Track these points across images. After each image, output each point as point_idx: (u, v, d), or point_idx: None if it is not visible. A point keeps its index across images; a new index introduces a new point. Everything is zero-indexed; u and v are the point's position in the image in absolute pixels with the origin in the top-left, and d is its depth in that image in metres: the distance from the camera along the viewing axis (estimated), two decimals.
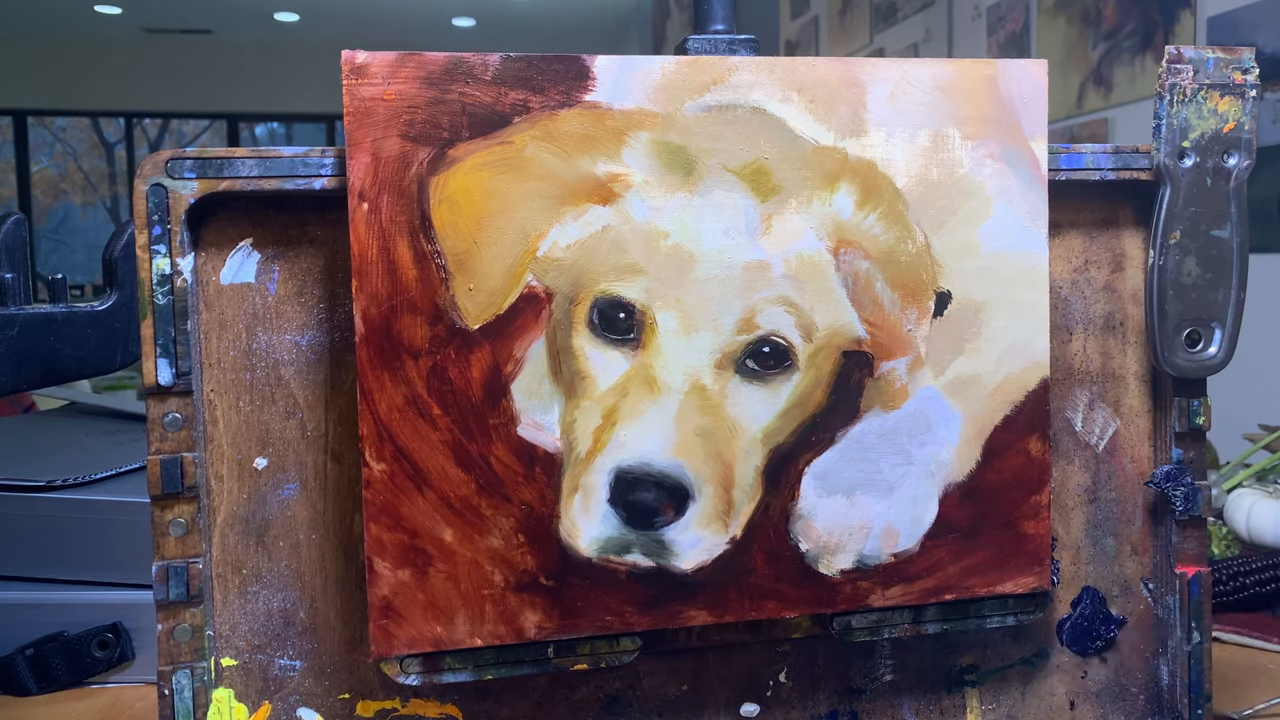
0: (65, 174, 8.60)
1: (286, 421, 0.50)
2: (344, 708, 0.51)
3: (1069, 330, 0.57)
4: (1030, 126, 0.53)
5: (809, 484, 0.51)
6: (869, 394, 0.51)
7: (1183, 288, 0.55)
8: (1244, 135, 0.55)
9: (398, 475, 0.47)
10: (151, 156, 0.47)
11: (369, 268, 0.47)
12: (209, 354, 0.49)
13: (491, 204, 0.47)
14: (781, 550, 0.51)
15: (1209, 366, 0.56)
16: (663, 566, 0.49)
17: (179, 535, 0.48)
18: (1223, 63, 0.55)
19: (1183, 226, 0.55)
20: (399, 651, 0.48)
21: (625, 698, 0.54)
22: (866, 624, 0.53)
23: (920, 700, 0.57)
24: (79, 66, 7.70)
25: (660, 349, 0.49)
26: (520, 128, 0.48)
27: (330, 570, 0.50)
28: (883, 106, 0.51)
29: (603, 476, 0.49)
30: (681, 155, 0.49)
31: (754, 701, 0.55)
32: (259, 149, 0.48)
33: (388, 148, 0.47)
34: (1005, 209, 0.52)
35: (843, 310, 0.51)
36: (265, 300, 0.49)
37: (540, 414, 0.48)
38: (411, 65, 0.47)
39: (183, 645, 0.48)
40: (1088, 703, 0.59)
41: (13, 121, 8.00)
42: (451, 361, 0.48)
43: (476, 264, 0.47)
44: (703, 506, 0.49)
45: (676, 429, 0.49)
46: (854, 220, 0.51)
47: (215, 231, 0.49)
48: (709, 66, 0.50)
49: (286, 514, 0.50)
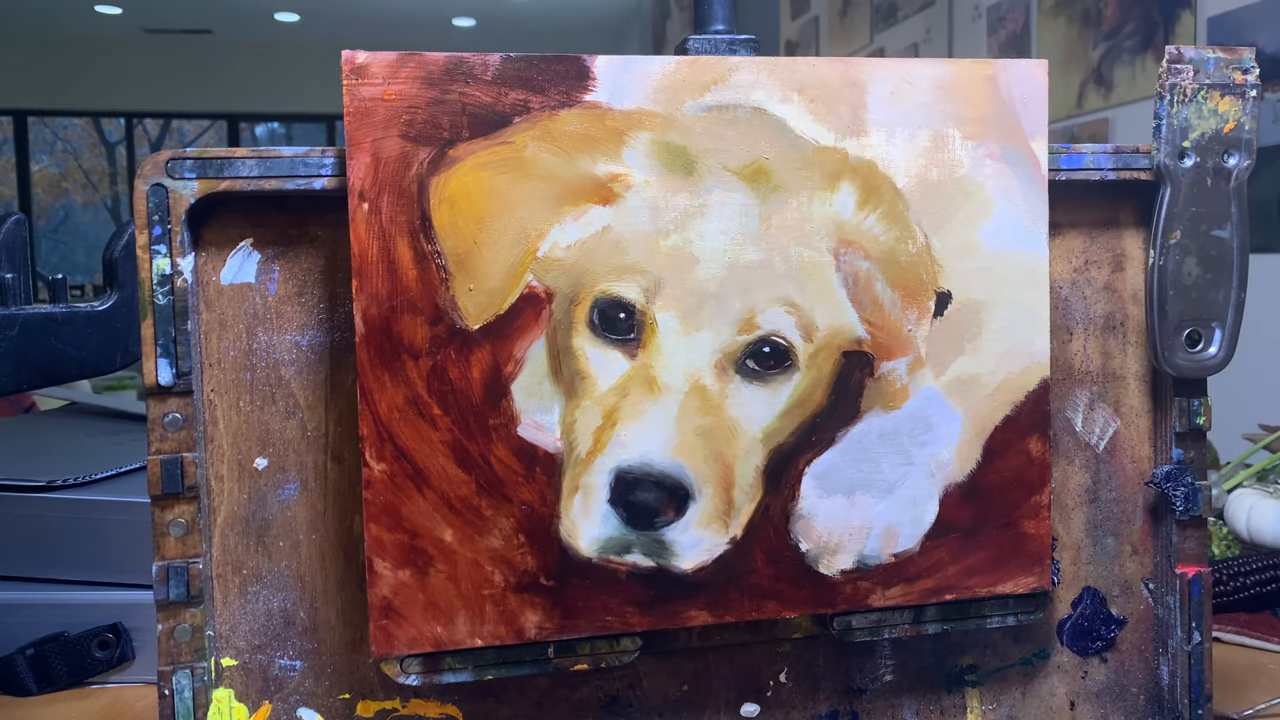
0: (66, 173, 8.61)
1: (287, 421, 0.50)
2: (344, 708, 0.51)
3: (1069, 330, 0.57)
4: (1030, 126, 0.53)
5: (809, 484, 0.51)
6: (869, 394, 0.51)
7: (1183, 288, 0.55)
8: (1244, 135, 0.55)
9: (398, 475, 0.47)
10: (152, 156, 0.47)
11: (369, 268, 0.47)
12: (209, 354, 0.49)
13: (492, 204, 0.47)
14: (782, 550, 0.51)
15: (1209, 366, 0.56)
16: (663, 567, 0.49)
17: (179, 535, 0.48)
18: (1223, 63, 0.55)
19: (1183, 226, 0.55)
20: (399, 652, 0.48)
21: (625, 698, 0.54)
22: (867, 624, 0.53)
23: (920, 700, 0.57)
24: (79, 66, 7.70)
25: (660, 349, 0.49)
26: (520, 128, 0.48)
27: (330, 570, 0.50)
28: (883, 106, 0.51)
29: (603, 477, 0.49)
30: (682, 155, 0.49)
31: (754, 702, 0.55)
32: (259, 149, 0.48)
33: (388, 148, 0.47)
34: (1005, 209, 0.52)
35: (843, 310, 0.51)
36: (265, 300, 0.49)
37: (540, 414, 0.48)
38: (411, 65, 0.47)
39: (183, 645, 0.48)
40: (1088, 703, 0.59)
41: (13, 121, 8.00)
42: (452, 362, 0.48)
43: (477, 264, 0.47)
44: (703, 507, 0.49)
45: (677, 429, 0.49)
46: (854, 220, 0.51)
47: (215, 231, 0.49)
48: (709, 66, 0.50)
49: (287, 514, 0.50)
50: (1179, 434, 0.57)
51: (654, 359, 0.49)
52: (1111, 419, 0.58)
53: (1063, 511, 0.57)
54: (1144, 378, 0.58)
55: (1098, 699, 0.59)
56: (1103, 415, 0.58)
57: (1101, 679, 0.59)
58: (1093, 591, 0.58)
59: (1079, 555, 0.58)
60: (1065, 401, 0.57)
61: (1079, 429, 0.57)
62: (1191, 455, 0.57)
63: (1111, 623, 0.58)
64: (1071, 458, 0.57)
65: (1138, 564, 0.59)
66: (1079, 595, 0.58)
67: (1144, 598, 0.59)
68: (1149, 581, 0.59)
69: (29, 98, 7.86)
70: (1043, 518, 0.54)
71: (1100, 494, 0.58)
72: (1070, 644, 0.58)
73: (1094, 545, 0.58)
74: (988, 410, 0.53)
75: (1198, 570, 0.57)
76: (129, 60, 7.82)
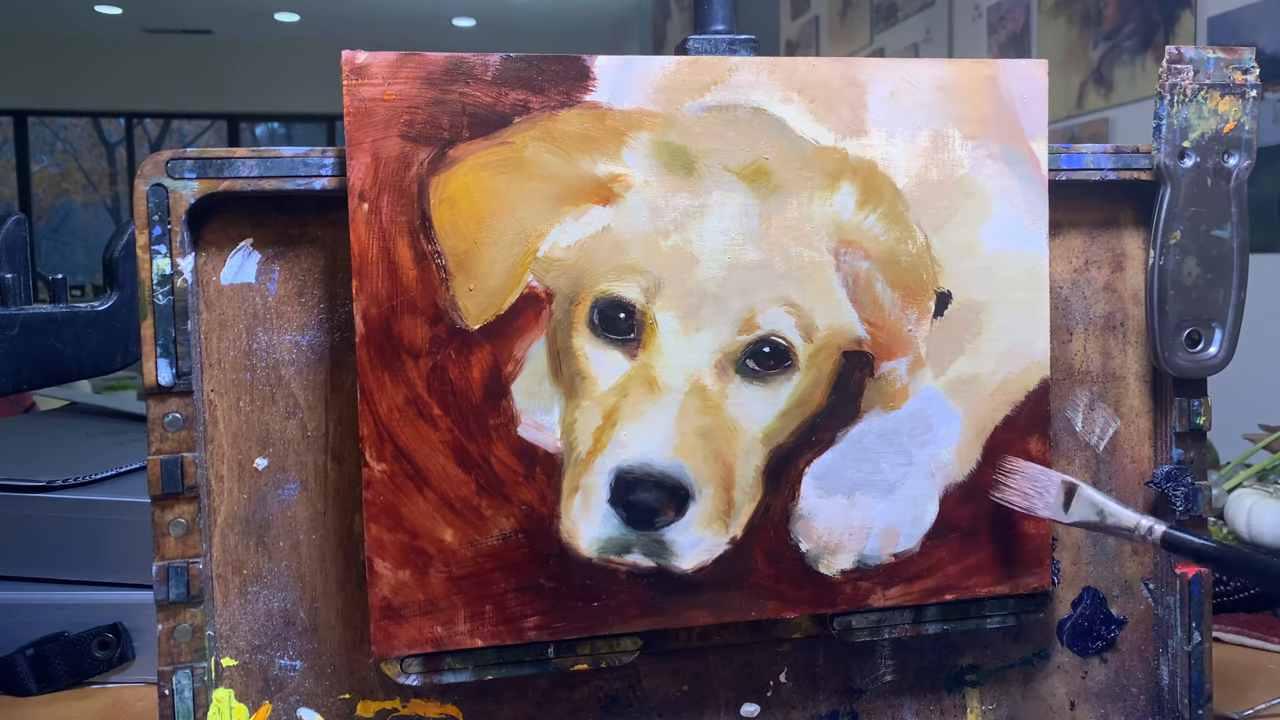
0: (66, 173, 8.60)
1: (287, 421, 0.50)
2: (344, 708, 0.51)
3: (1069, 330, 0.57)
4: (1030, 126, 0.53)
5: (809, 484, 0.51)
6: (869, 394, 0.51)
7: (1183, 288, 0.55)
8: (1244, 135, 0.55)
9: (398, 475, 0.47)
10: (152, 156, 0.47)
11: (369, 268, 0.47)
12: (209, 354, 0.49)
13: (492, 204, 0.47)
14: (782, 550, 0.51)
15: (1209, 366, 0.56)
16: (663, 567, 0.49)
17: (179, 535, 0.48)
18: (1223, 63, 0.55)
19: (1183, 226, 0.55)
20: (399, 652, 0.48)
21: (625, 698, 0.54)
22: (867, 624, 0.53)
23: (920, 700, 0.57)
24: (79, 66, 7.70)
25: (661, 349, 0.49)
26: (520, 128, 0.48)
27: (330, 570, 0.50)
28: (883, 107, 0.51)
29: (603, 477, 0.49)
30: (682, 155, 0.49)
31: (754, 702, 0.55)
32: (259, 149, 0.48)
33: (388, 148, 0.46)
34: (1005, 209, 0.52)
35: (843, 310, 0.51)
36: (265, 300, 0.49)
37: (540, 414, 0.48)
38: (411, 65, 0.47)
39: (183, 645, 0.48)
40: (1088, 703, 0.59)
41: (13, 121, 8.00)
42: (452, 362, 0.48)
43: (477, 264, 0.47)
44: (703, 507, 0.49)
45: (677, 429, 0.49)
46: (854, 220, 0.51)
47: (215, 231, 0.49)
48: (709, 67, 0.50)
49: (287, 514, 0.50)
50: (1179, 434, 0.57)
51: (654, 359, 0.49)
52: (1111, 419, 0.58)
53: None
54: (1144, 378, 0.58)
55: (1098, 699, 0.59)
56: (1103, 415, 0.58)
57: (1101, 679, 0.59)
58: (1093, 591, 0.58)
59: (1079, 555, 0.58)
60: (1065, 401, 0.57)
61: (1079, 429, 0.57)
62: (1191, 455, 0.57)
63: (1111, 623, 0.58)
64: (1071, 458, 0.57)
65: (1138, 564, 0.59)
66: (1079, 595, 0.58)
67: (1144, 598, 0.59)
68: (1149, 581, 0.59)
69: (29, 98, 7.86)
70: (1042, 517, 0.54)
71: None
72: (1070, 644, 0.58)
73: (1094, 545, 0.58)
74: (988, 410, 0.53)
75: (1198, 570, 0.57)
76: (129, 60, 7.81)
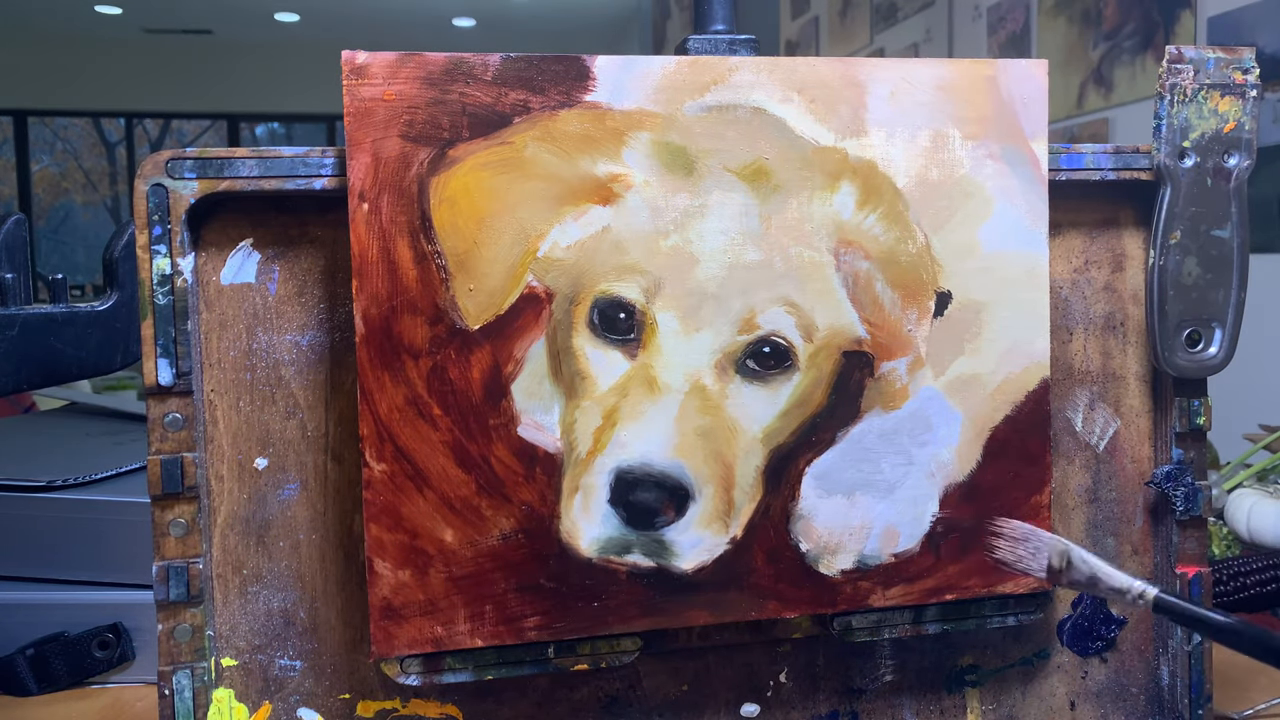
0: (66, 173, 8.60)
1: (287, 421, 0.50)
2: (344, 708, 0.51)
3: (1069, 330, 0.57)
4: (1030, 126, 0.53)
5: (809, 484, 0.51)
6: (869, 394, 0.51)
7: (1183, 288, 0.55)
8: (1244, 135, 0.55)
9: (398, 475, 0.47)
10: (152, 156, 0.47)
11: (369, 268, 0.47)
12: (209, 354, 0.49)
13: (492, 204, 0.47)
14: (782, 550, 0.51)
15: (1209, 366, 0.56)
16: (663, 567, 0.49)
17: (179, 535, 0.48)
18: (1223, 63, 0.55)
19: (1183, 226, 0.55)
20: (399, 652, 0.48)
21: (625, 698, 0.54)
22: (867, 624, 0.53)
23: (920, 700, 0.57)
24: (79, 66, 7.69)
25: (661, 349, 0.49)
26: (520, 128, 0.48)
27: (330, 570, 0.50)
28: (883, 106, 0.51)
29: (603, 477, 0.49)
30: (682, 155, 0.49)
31: (754, 702, 0.55)
32: (259, 149, 0.48)
33: (388, 148, 0.46)
34: (1005, 209, 0.52)
35: (843, 310, 0.51)
36: (265, 300, 0.49)
37: (540, 414, 0.48)
38: (411, 65, 0.47)
39: (183, 645, 0.48)
40: (1088, 703, 0.59)
41: (13, 121, 8.00)
42: (452, 362, 0.48)
43: (477, 264, 0.47)
44: (703, 507, 0.49)
45: (677, 429, 0.49)
46: (854, 220, 0.51)
47: (215, 231, 0.49)
48: (709, 66, 0.50)
49: (287, 514, 0.50)
50: (1179, 434, 0.57)
51: (654, 359, 0.49)
52: (1111, 419, 0.58)
53: (1063, 511, 0.57)
54: (1144, 378, 0.58)
55: (1098, 699, 0.59)
56: (1103, 415, 0.58)
57: (1102, 679, 0.59)
58: None
59: None
60: (1065, 401, 0.57)
61: (1079, 429, 0.57)
62: (1191, 455, 0.57)
63: (1111, 623, 0.58)
64: (1071, 458, 0.57)
65: (1138, 564, 0.59)
66: (1079, 595, 0.58)
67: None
68: (1149, 582, 0.59)
69: (29, 98, 7.85)
70: (1043, 518, 0.54)
71: (1100, 494, 0.58)
72: (1070, 644, 0.58)
73: (1094, 545, 0.58)
74: (988, 410, 0.53)
75: (1198, 570, 0.57)
76: (129, 60, 7.81)
